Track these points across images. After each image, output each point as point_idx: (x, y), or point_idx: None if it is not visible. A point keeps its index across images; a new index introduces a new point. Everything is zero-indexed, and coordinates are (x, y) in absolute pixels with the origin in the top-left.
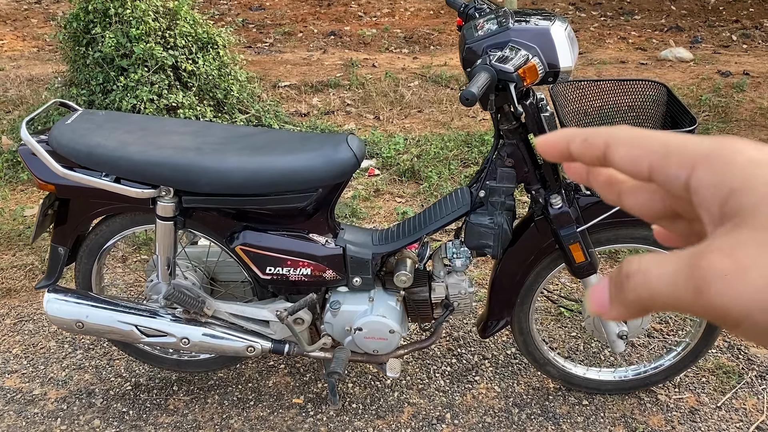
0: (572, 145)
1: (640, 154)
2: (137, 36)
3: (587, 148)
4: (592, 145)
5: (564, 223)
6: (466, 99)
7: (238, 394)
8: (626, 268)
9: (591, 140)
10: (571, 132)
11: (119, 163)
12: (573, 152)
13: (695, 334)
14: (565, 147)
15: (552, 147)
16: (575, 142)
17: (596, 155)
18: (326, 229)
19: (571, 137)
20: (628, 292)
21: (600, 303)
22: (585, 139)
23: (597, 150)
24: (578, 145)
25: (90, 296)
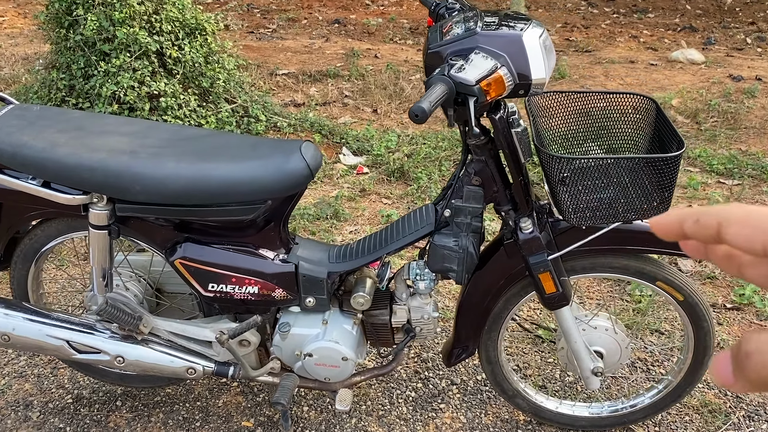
0: (685, 226)
1: (754, 235)
2: (121, 20)
3: (700, 229)
4: (705, 225)
5: (534, 250)
6: (415, 115)
7: (185, 413)
8: (745, 347)
9: (703, 221)
10: (683, 213)
11: (46, 165)
12: (687, 233)
13: (678, 372)
14: (679, 228)
15: (666, 229)
16: (688, 222)
17: (710, 235)
18: (278, 243)
19: (684, 218)
20: (750, 371)
21: (725, 377)
22: (697, 220)
23: (710, 230)
24: (691, 226)
25: (20, 306)
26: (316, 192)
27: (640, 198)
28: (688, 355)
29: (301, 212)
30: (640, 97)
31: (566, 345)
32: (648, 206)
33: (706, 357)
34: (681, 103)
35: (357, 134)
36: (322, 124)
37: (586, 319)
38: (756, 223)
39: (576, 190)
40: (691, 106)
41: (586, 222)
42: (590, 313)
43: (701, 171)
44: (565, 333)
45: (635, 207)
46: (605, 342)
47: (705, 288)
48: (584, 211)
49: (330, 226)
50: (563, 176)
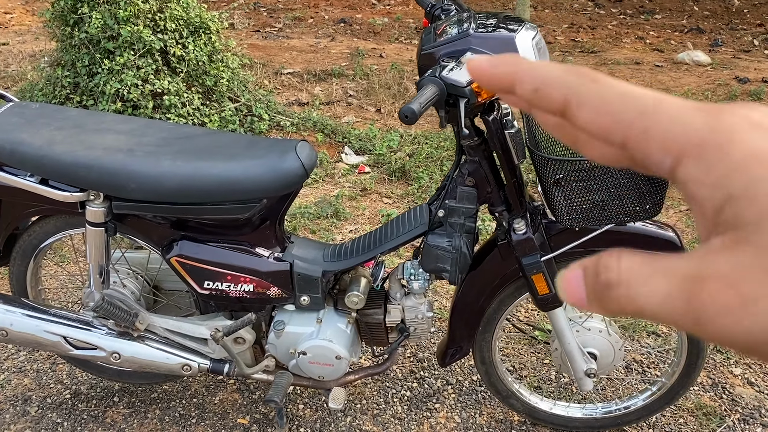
0: (519, 89)
1: (612, 125)
2: (125, 18)
3: (539, 99)
4: (547, 98)
5: (527, 251)
6: (405, 116)
7: (181, 410)
8: (605, 276)
9: (545, 91)
10: (518, 67)
11: (43, 163)
12: (521, 95)
13: (671, 374)
14: (509, 85)
15: (490, 78)
16: (523, 87)
17: (552, 110)
18: (273, 242)
19: (519, 77)
20: (609, 302)
21: (578, 297)
22: (536, 89)
23: (553, 105)
24: (527, 92)
25: (18, 302)
26: (318, 191)
27: (633, 200)
28: (682, 358)
29: (301, 211)
30: None
31: (560, 346)
32: (641, 208)
33: (699, 360)
34: None
35: (359, 133)
36: (324, 123)
37: (580, 321)
38: (616, 110)
39: (569, 192)
40: None
41: (579, 224)
42: (584, 315)
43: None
44: (558, 334)
45: (628, 209)
46: (599, 344)
47: None
48: (577, 212)
49: (330, 225)
50: (557, 178)
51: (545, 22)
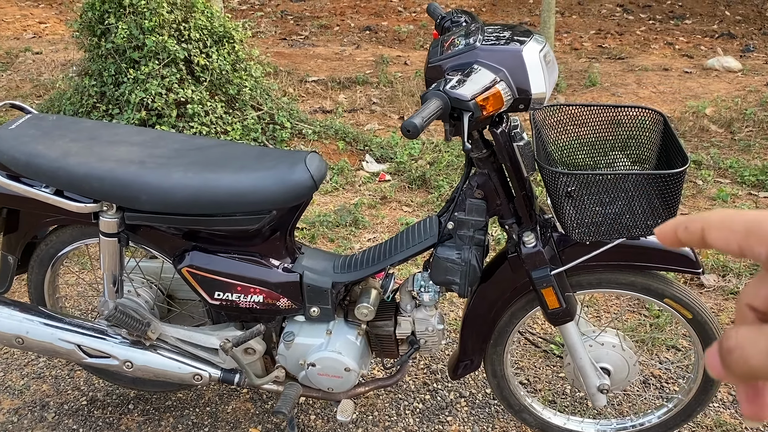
0: (678, 232)
1: (729, 236)
2: (150, 28)
3: (689, 235)
4: (692, 231)
5: (537, 264)
6: (407, 131)
7: (194, 418)
8: (726, 343)
9: (690, 227)
10: (676, 221)
11: (58, 174)
12: (681, 239)
13: (688, 391)
14: (674, 235)
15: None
16: (679, 229)
17: (697, 239)
18: (283, 252)
19: (677, 225)
20: (733, 365)
21: (717, 369)
22: (686, 227)
23: (696, 235)
24: (682, 233)
25: (35, 310)
26: (338, 199)
27: (645, 213)
28: (699, 374)
29: (321, 219)
30: (647, 111)
31: (572, 361)
32: (653, 222)
33: None
34: (715, 112)
35: (381, 141)
36: (346, 131)
37: (593, 335)
38: (729, 226)
39: (580, 205)
40: (725, 115)
41: (589, 237)
42: (597, 329)
43: (732, 182)
44: (570, 349)
45: (641, 223)
46: (612, 359)
47: (727, 304)
48: (588, 226)
49: (349, 233)
50: (569, 191)
51: (572, 28)
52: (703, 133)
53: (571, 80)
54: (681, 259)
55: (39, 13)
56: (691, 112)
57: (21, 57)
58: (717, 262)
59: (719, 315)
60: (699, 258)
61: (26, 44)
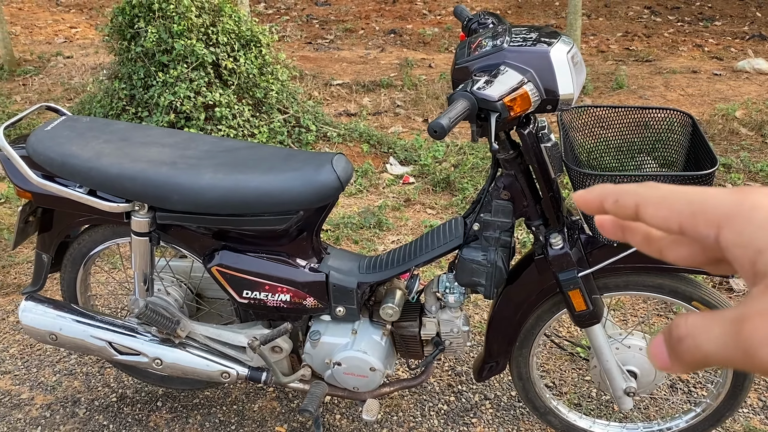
0: (605, 204)
1: (669, 215)
2: (179, 32)
3: (619, 208)
4: (623, 205)
5: (563, 266)
6: (434, 131)
7: (221, 416)
8: (675, 332)
9: (622, 201)
10: (605, 190)
11: (91, 174)
12: (607, 210)
13: (717, 396)
14: (600, 204)
15: (588, 204)
16: (607, 201)
17: (628, 214)
18: (310, 252)
19: (604, 196)
20: (683, 353)
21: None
22: (616, 200)
23: (629, 210)
24: (610, 205)
25: (68, 308)
26: (362, 201)
27: None
28: (727, 379)
29: (345, 221)
30: (676, 113)
31: (598, 364)
32: None
33: (746, 381)
34: (746, 115)
35: (405, 144)
36: (370, 134)
37: (619, 338)
38: (670, 204)
39: None
40: (756, 117)
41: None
42: (624, 332)
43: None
44: (596, 351)
45: None
46: (639, 362)
47: None
48: None
49: (373, 235)
50: None
51: (599, 31)
52: (733, 136)
53: (598, 83)
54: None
55: (70, 18)
56: (720, 115)
57: (53, 61)
58: None
59: None
60: None
61: (58, 48)
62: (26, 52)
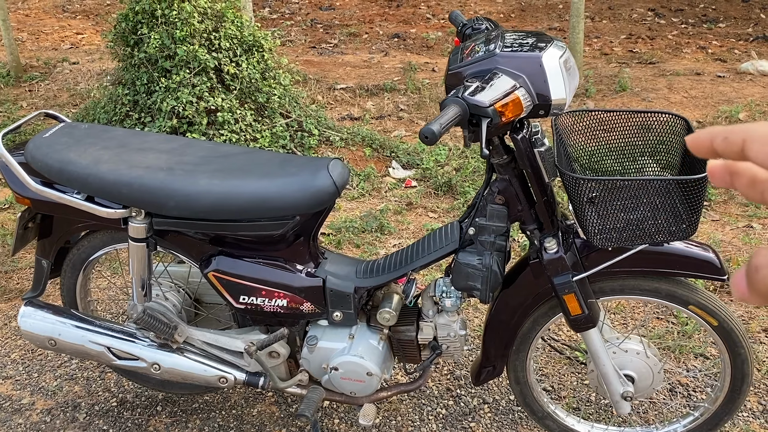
0: (715, 143)
1: None
2: (182, 37)
3: (728, 146)
4: (732, 142)
5: (558, 270)
6: (425, 137)
7: (220, 421)
8: (755, 261)
9: (730, 138)
10: (713, 130)
11: (89, 181)
12: (716, 149)
13: (715, 399)
14: (709, 144)
15: (699, 144)
16: (717, 139)
17: (735, 151)
18: (307, 257)
19: (714, 135)
20: (759, 284)
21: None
22: (725, 137)
23: (736, 146)
24: (720, 143)
25: (67, 313)
26: (364, 205)
27: (668, 219)
28: (725, 383)
29: (347, 225)
30: (670, 116)
31: (595, 368)
32: (677, 228)
33: (744, 385)
34: (749, 117)
35: (407, 147)
36: (373, 138)
37: (616, 342)
38: None
39: (603, 211)
40: (759, 119)
41: (611, 243)
42: (621, 336)
43: None
44: (593, 356)
45: (664, 228)
46: (636, 366)
47: (759, 312)
48: (610, 232)
49: (374, 239)
50: (591, 196)
51: (602, 33)
52: None
53: (601, 85)
54: (705, 265)
55: (76, 24)
56: (723, 117)
57: (59, 67)
58: None
59: (749, 323)
60: (724, 264)
61: (64, 54)
62: (32, 58)
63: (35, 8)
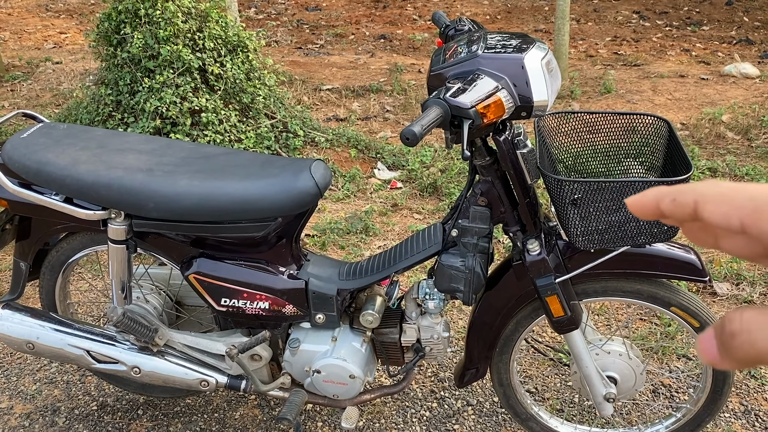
0: (662, 205)
1: (730, 211)
2: (165, 37)
3: (677, 208)
4: (682, 204)
5: (541, 272)
6: (406, 138)
7: (202, 424)
8: (729, 327)
9: (680, 200)
10: (659, 192)
11: (67, 182)
12: (663, 211)
13: (697, 401)
14: (655, 206)
15: (642, 207)
16: (664, 202)
17: (686, 213)
18: (289, 259)
19: (660, 197)
20: (735, 350)
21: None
22: (673, 199)
23: (687, 209)
24: (668, 205)
25: (45, 316)
26: (349, 206)
27: (650, 221)
28: (707, 384)
29: (331, 226)
30: (652, 118)
31: (578, 369)
32: (659, 230)
33: (725, 386)
34: (732, 119)
35: (393, 149)
36: (359, 139)
37: (599, 344)
38: (731, 200)
39: (585, 213)
40: (742, 121)
41: (593, 245)
42: (604, 338)
43: None
44: (575, 357)
45: (646, 230)
46: (619, 367)
47: None
48: (592, 233)
49: (359, 241)
50: (574, 198)
51: (587, 35)
52: (720, 140)
53: (586, 87)
54: (687, 266)
55: (60, 24)
56: (707, 119)
57: (42, 67)
58: (730, 271)
59: None
60: (706, 266)
61: (47, 54)
62: (15, 58)
63: (18, 7)
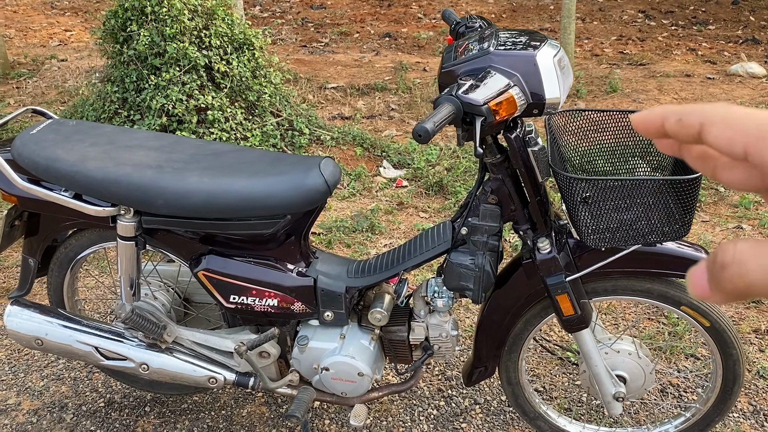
0: (667, 124)
1: (735, 136)
2: (171, 35)
3: (682, 128)
4: (687, 125)
5: (551, 271)
6: (418, 135)
7: (209, 422)
8: (721, 258)
9: (685, 120)
10: (665, 109)
11: (76, 178)
12: (668, 130)
13: (706, 400)
14: (660, 125)
15: (646, 125)
16: (670, 120)
17: (690, 134)
18: (298, 257)
19: (666, 115)
20: (725, 282)
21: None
22: (679, 119)
23: (691, 129)
24: (673, 124)
25: (54, 312)
26: (354, 205)
27: (661, 220)
28: (717, 383)
29: (337, 225)
30: None
31: (587, 368)
32: (670, 228)
33: (735, 386)
34: None
35: (399, 147)
36: (364, 137)
37: (608, 343)
38: (738, 125)
39: (596, 212)
40: None
41: (604, 243)
42: (613, 337)
43: None
44: (585, 356)
45: (657, 229)
46: (628, 366)
47: (749, 312)
48: (603, 232)
49: (365, 239)
50: (585, 196)
51: (593, 35)
52: None
53: (592, 86)
54: None
55: (65, 21)
56: None
57: (47, 64)
58: None
59: (739, 324)
60: None
61: (52, 52)
62: (20, 55)
63: (23, 5)
